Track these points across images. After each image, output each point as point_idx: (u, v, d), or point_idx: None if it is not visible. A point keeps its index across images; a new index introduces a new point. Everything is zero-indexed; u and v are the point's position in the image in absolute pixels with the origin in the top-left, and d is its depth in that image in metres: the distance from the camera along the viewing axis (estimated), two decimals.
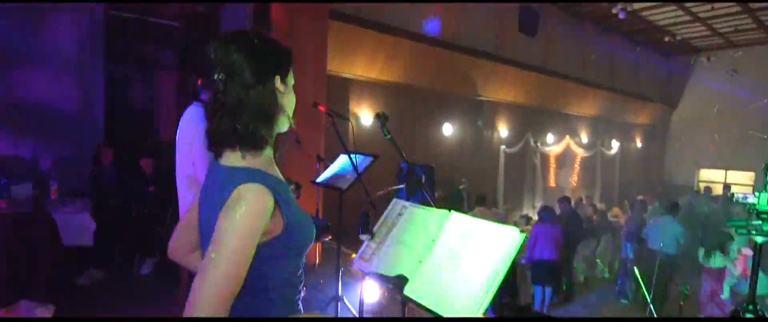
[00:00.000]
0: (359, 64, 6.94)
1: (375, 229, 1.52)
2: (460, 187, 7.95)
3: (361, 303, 2.68)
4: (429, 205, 1.51)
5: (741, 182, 13.32)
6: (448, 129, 8.58)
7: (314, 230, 1.00)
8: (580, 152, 12.08)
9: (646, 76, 13.57)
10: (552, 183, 11.40)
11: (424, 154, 7.68)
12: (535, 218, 9.12)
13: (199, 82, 2.05)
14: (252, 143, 0.90)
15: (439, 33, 7.71)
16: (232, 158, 0.92)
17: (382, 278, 1.32)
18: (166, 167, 4.86)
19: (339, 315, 2.65)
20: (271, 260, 0.90)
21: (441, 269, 1.20)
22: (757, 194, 1.69)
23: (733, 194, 1.82)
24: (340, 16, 6.00)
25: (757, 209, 1.66)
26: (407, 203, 1.52)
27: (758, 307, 1.62)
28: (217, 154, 0.95)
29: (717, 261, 4.55)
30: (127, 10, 5.10)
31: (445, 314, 1.09)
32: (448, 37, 7.84)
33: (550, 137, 11.04)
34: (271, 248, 0.89)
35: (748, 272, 4.52)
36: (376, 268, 1.38)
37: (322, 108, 2.45)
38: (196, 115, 1.96)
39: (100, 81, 4.71)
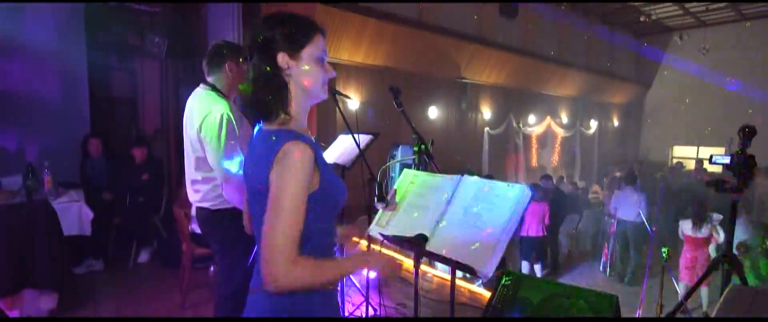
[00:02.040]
0: (344, 48, 6.95)
1: (389, 197, 1.61)
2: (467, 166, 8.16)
3: (367, 278, 2.79)
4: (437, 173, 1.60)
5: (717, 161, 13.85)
6: (433, 112, 8.70)
7: (346, 191, 1.09)
8: (561, 132, 12.40)
9: (622, 57, 13.94)
10: (534, 163, 11.70)
11: (410, 137, 7.78)
12: None
13: (204, 65, 2.07)
14: (265, 112, 1.03)
15: (422, 16, 7.76)
16: (275, 124, 1.04)
17: (403, 240, 1.42)
18: (155, 156, 4.84)
19: (344, 289, 2.75)
20: (309, 213, 0.98)
21: (458, 226, 1.30)
22: (731, 154, 1.85)
23: (711, 156, 1.97)
24: (325, 0, 5.99)
25: (732, 168, 1.81)
26: (418, 172, 1.61)
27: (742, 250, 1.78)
28: (258, 121, 1.08)
29: (703, 231, 4.80)
30: None
31: (464, 261, 1.20)
32: (431, 20, 7.89)
33: (531, 118, 11.29)
34: (310, 202, 0.97)
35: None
36: (394, 231, 1.47)
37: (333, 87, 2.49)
38: (203, 96, 1.99)
39: (82, 70, 4.61)
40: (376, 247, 2.77)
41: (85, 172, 4.28)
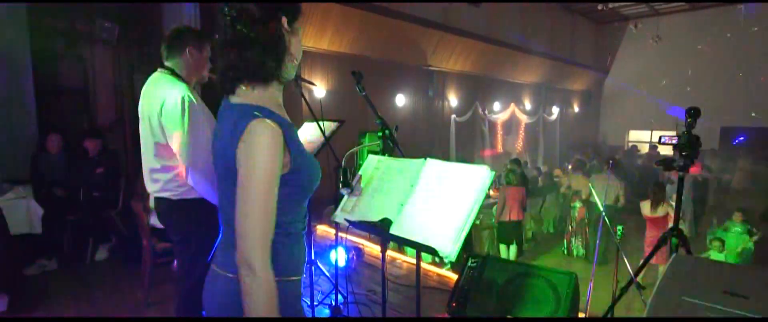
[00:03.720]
0: (309, 35, 6.82)
1: (354, 183, 1.60)
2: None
3: (336, 265, 2.79)
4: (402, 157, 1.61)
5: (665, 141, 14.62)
6: (400, 99, 8.72)
7: (320, 172, 1.07)
8: (524, 119, 12.74)
9: (582, 44, 14.41)
10: (500, 149, 11.99)
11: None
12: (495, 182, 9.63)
13: (163, 49, 1.98)
14: (260, 75, 0.96)
15: (389, 3, 7.70)
16: (243, 96, 0.98)
17: (367, 225, 1.42)
18: (111, 147, 4.61)
19: (313, 278, 2.74)
20: (280, 195, 0.94)
21: (421, 209, 1.31)
22: (679, 134, 1.95)
23: (660, 137, 2.07)
24: None
25: (679, 148, 1.92)
26: (382, 157, 1.61)
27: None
28: (230, 91, 0.99)
29: (660, 210, 5.07)
30: None
31: (428, 244, 1.21)
32: (396, 6, 7.86)
33: (496, 105, 11.52)
34: (281, 184, 0.94)
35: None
36: (359, 217, 1.47)
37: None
38: (161, 80, 1.90)
39: (27, 60, 4.30)
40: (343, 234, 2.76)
41: (38, 167, 4.03)
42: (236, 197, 0.92)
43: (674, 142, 1.95)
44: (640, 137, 15.42)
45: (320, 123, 2.25)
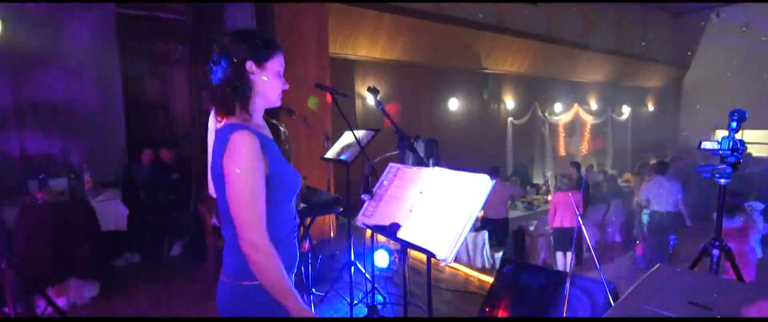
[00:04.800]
0: (361, 45, 7.08)
1: (374, 189, 1.73)
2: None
3: (372, 266, 2.93)
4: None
5: (760, 140, 13.10)
6: (453, 104, 8.70)
7: (299, 179, 1.23)
8: (590, 119, 12.06)
9: (656, 39, 13.32)
10: (562, 152, 11.46)
11: (431, 130, 7.84)
12: (544, 187, 9.27)
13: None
14: (226, 107, 1.16)
15: (440, 8, 7.75)
16: (231, 119, 1.18)
17: (380, 228, 1.54)
18: (185, 156, 5.16)
19: (353, 277, 2.90)
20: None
21: (427, 214, 1.41)
22: (720, 139, 1.85)
23: (699, 142, 1.97)
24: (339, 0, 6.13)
25: (720, 154, 1.82)
26: (400, 165, 1.72)
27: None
28: (219, 119, 1.20)
29: (736, 220, 4.60)
30: (137, 7, 5.31)
31: (427, 247, 1.31)
32: (448, 11, 7.88)
33: (557, 106, 11.04)
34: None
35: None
36: (375, 221, 1.60)
37: (325, 85, 2.63)
38: None
39: (117, 78, 4.97)
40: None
41: (131, 174, 4.62)
42: (228, 197, 1.09)
43: (715, 148, 1.85)
44: None
45: (354, 132, 2.41)
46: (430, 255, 1.31)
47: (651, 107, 14.33)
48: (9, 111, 4.16)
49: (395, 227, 1.46)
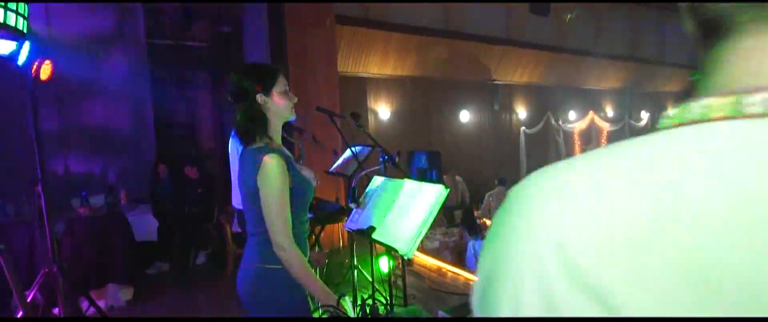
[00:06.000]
0: (373, 62, 7.44)
1: (360, 198, 2.03)
2: None
3: (372, 271, 3.21)
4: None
5: None
6: (465, 116, 8.93)
7: (312, 189, 1.53)
8: (606, 126, 12.02)
9: (673, 42, 13.18)
10: None
11: (442, 142, 8.09)
12: None
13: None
14: (250, 136, 1.45)
15: (447, 24, 8.06)
16: (256, 145, 1.46)
17: (360, 231, 1.84)
18: (208, 172, 5.60)
19: (355, 280, 3.19)
20: None
21: (396, 219, 1.69)
22: None
23: None
24: (349, 21, 6.52)
25: None
26: (383, 178, 2.02)
27: None
28: (247, 144, 1.49)
29: None
30: (166, 37, 5.86)
31: (393, 245, 1.59)
32: (456, 26, 8.17)
33: (572, 114, 11.09)
34: None
35: None
36: (358, 226, 1.90)
37: (324, 108, 2.97)
38: None
39: (148, 103, 5.49)
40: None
41: (155, 191, 5.10)
42: (262, 209, 1.39)
43: None
44: None
45: (352, 148, 2.73)
46: (395, 250, 1.60)
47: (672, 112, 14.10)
48: (55, 136, 4.68)
49: (371, 229, 1.76)
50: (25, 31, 2.46)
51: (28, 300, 2.60)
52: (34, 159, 2.73)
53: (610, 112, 12.19)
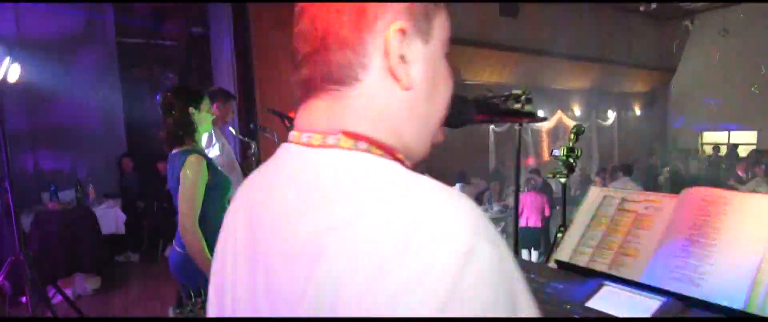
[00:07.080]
0: None
1: None
2: None
3: None
4: None
5: (746, 141, 13.41)
6: None
7: (231, 184, 1.82)
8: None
9: (641, 44, 13.70)
10: (546, 157, 11.91)
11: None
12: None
13: None
14: (177, 141, 1.76)
15: None
16: (183, 147, 1.77)
17: None
18: None
19: None
20: (206, 199, 1.72)
21: None
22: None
23: (551, 150, 2.49)
24: None
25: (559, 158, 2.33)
26: None
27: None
28: (172, 149, 1.79)
29: None
30: (134, 36, 6.01)
31: None
32: None
33: (540, 113, 11.43)
34: (206, 191, 1.72)
35: None
36: None
37: (276, 110, 3.21)
38: None
39: (118, 101, 5.65)
40: None
41: (123, 185, 5.30)
42: (179, 200, 1.69)
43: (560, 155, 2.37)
44: (718, 139, 14.19)
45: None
46: None
47: (638, 111, 14.70)
48: (24, 134, 4.83)
49: None
50: None
51: None
52: (1, 157, 2.93)
53: (577, 111, 12.66)
